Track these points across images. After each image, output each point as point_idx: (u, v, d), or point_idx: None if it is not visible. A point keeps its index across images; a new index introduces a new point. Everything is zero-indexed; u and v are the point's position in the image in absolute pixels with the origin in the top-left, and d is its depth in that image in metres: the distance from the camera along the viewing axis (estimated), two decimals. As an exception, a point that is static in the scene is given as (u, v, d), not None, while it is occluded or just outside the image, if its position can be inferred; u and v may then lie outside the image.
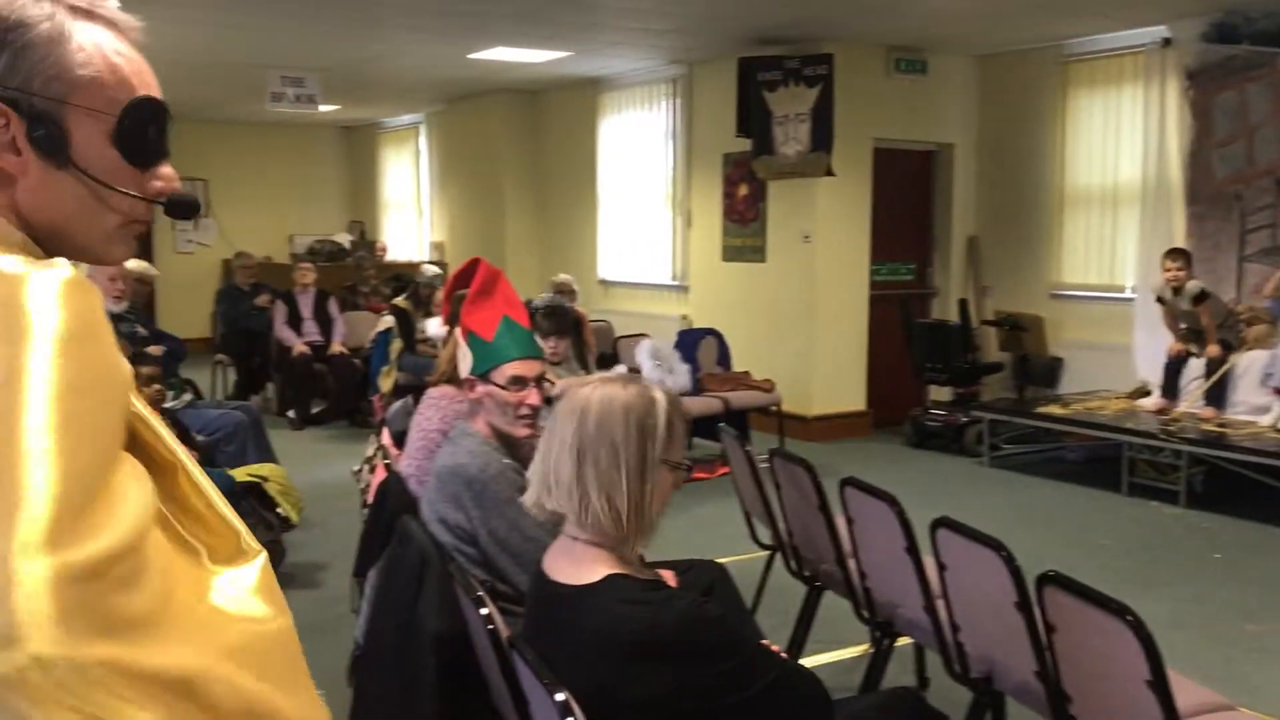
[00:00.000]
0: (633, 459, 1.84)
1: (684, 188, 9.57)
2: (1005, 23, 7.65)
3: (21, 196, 1.05)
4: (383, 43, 8.43)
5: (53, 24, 1.04)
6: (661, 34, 8.15)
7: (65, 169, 1.05)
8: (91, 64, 1.06)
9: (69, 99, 1.05)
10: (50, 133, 1.04)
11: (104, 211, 1.09)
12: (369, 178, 14.79)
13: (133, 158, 1.09)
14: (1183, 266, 6.86)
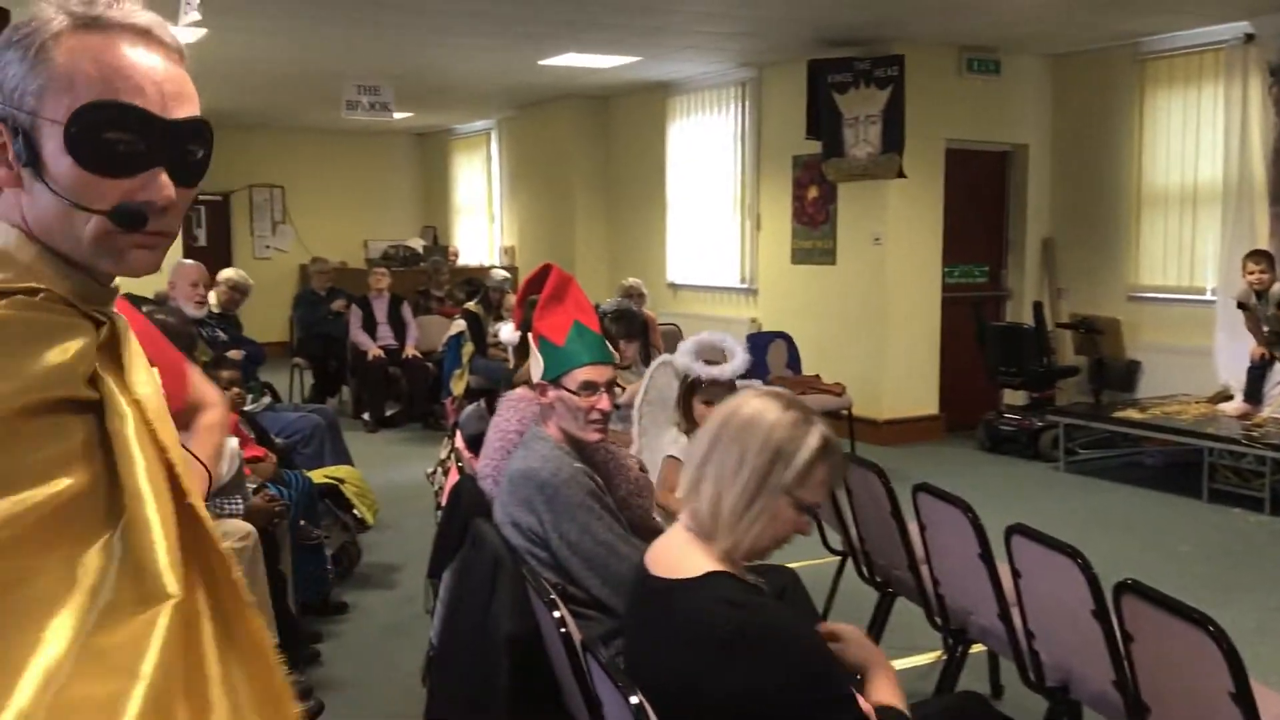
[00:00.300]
0: (754, 474, 1.83)
1: (753, 191, 9.55)
2: (1080, 21, 7.52)
3: (27, 217, 1.09)
4: (455, 51, 8.54)
5: (42, 34, 1.07)
6: (731, 37, 8.15)
7: (40, 181, 1.07)
8: (62, 74, 1.06)
9: (38, 112, 1.06)
10: (27, 145, 1.07)
11: (77, 222, 1.08)
12: (441, 183, 14.99)
13: (91, 166, 1.07)
14: (1266, 269, 6.68)
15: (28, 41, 1.07)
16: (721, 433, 1.88)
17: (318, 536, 4.65)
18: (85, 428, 1.03)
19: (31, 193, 1.08)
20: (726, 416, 1.90)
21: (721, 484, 1.84)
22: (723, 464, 1.85)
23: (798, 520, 1.87)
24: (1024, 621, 2.79)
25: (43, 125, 1.06)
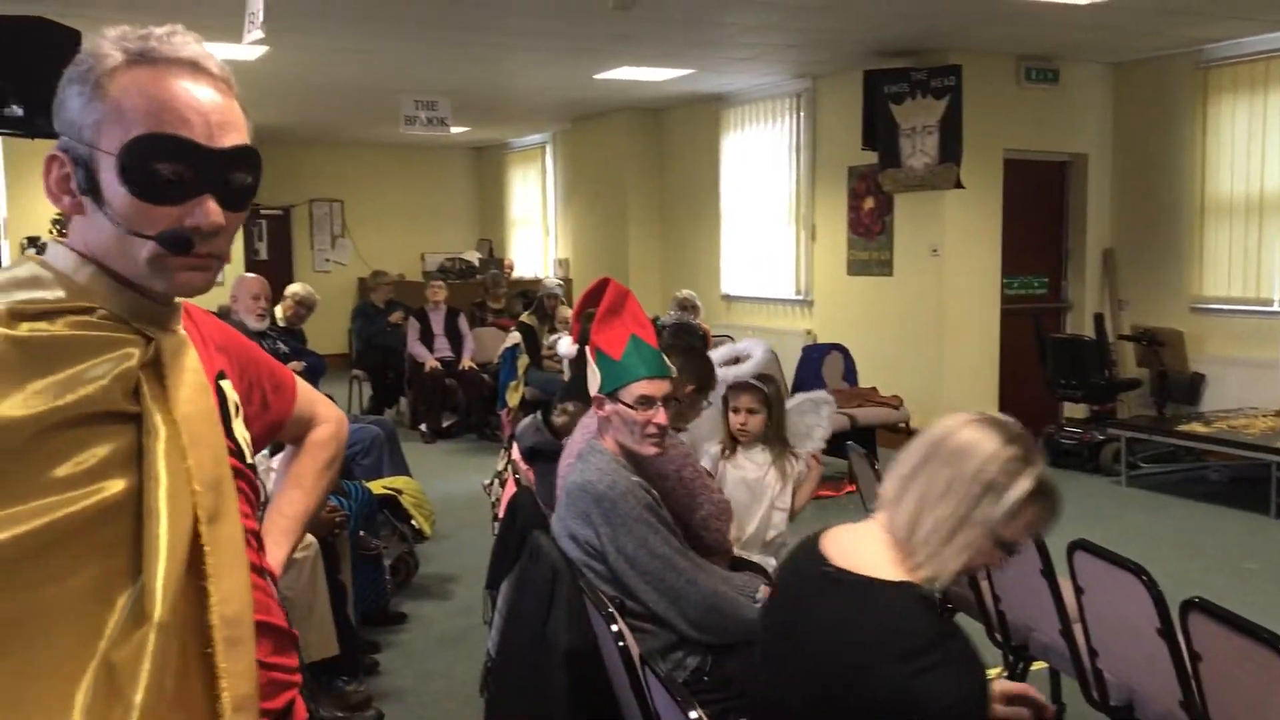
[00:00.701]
0: (960, 504, 1.77)
1: (808, 202, 9.52)
2: (1140, 29, 7.42)
3: (87, 238, 1.17)
4: (511, 65, 8.62)
5: (100, 69, 1.14)
6: (785, 49, 8.14)
7: (100, 209, 1.14)
8: (115, 108, 1.13)
9: (96, 144, 1.13)
10: (87, 175, 1.14)
11: (132, 247, 1.15)
12: (497, 196, 15.11)
13: (142, 194, 1.13)
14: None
15: (86, 77, 1.14)
16: (934, 452, 1.83)
17: (376, 547, 4.69)
18: (126, 439, 1.09)
19: (92, 219, 1.16)
20: (942, 436, 1.84)
21: (924, 503, 1.79)
22: (929, 484, 1.80)
23: (994, 555, 1.82)
24: (1087, 639, 2.75)
25: (100, 157, 1.13)
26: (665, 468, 3.00)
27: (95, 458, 1.06)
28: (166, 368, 1.16)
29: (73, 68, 1.15)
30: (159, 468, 1.09)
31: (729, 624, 2.75)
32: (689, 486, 3.02)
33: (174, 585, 1.08)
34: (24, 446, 1.01)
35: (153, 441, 1.10)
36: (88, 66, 1.14)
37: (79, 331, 1.09)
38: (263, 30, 4.91)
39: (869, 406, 7.41)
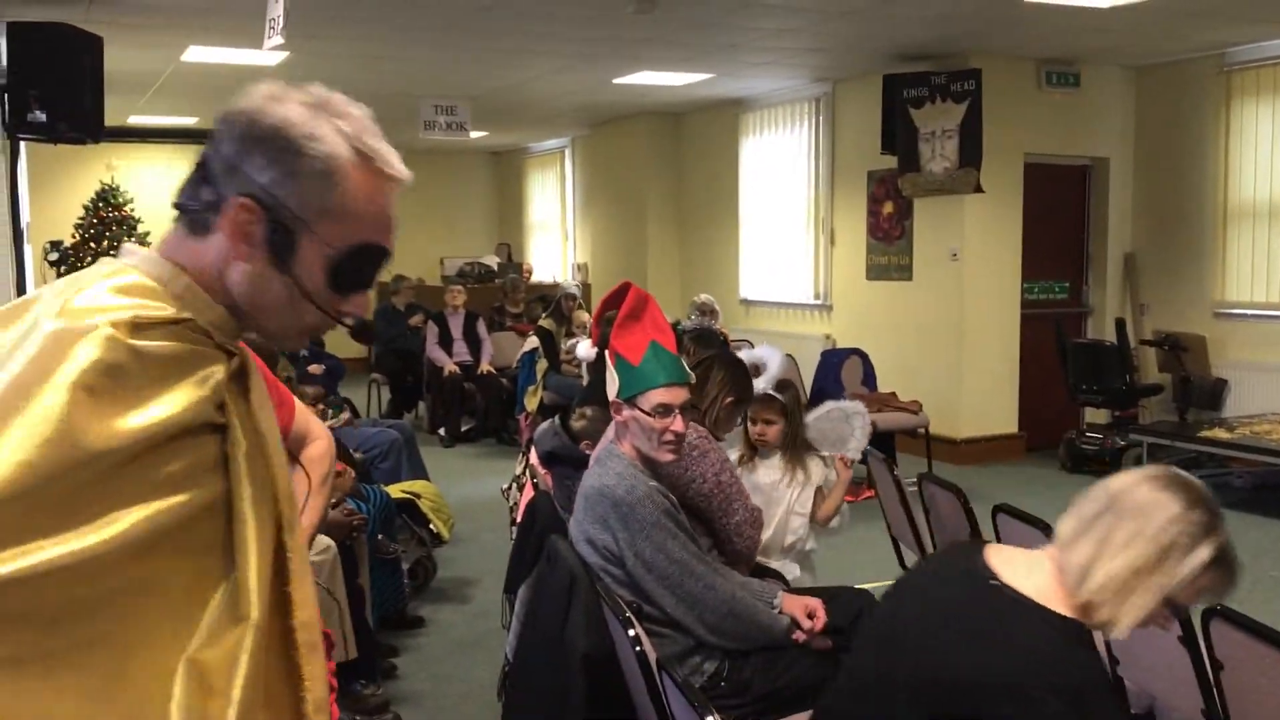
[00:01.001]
0: (1136, 562, 1.75)
1: (827, 206, 9.50)
2: (1162, 32, 7.37)
3: (235, 277, 1.21)
4: (530, 70, 8.64)
5: (333, 162, 1.19)
6: (805, 53, 8.13)
7: (281, 272, 1.21)
8: (349, 207, 1.21)
9: (312, 224, 1.20)
10: (283, 242, 1.20)
11: (298, 314, 1.24)
12: (516, 201, 15.14)
13: (336, 286, 1.23)
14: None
15: (319, 161, 1.19)
16: (1114, 504, 1.80)
17: (395, 551, 4.70)
18: (214, 448, 1.16)
19: (260, 271, 1.21)
20: (1125, 489, 1.82)
21: (1100, 554, 1.77)
22: (1109, 535, 1.78)
23: (1162, 615, 1.80)
24: (1107, 647, 2.73)
25: (310, 237, 1.20)
26: (706, 471, 3.00)
27: (190, 464, 1.12)
28: (249, 382, 1.23)
29: (293, 138, 1.19)
30: (244, 475, 1.16)
31: (747, 629, 2.74)
32: (726, 491, 3.03)
33: (266, 588, 1.16)
34: (136, 455, 1.06)
35: (237, 451, 1.17)
36: (321, 151, 1.19)
37: (183, 344, 1.14)
38: (283, 36, 4.94)
39: (888, 411, 7.38)
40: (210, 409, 1.14)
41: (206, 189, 1.20)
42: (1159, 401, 8.34)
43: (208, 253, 1.21)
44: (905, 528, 3.85)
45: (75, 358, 1.05)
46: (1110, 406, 8.03)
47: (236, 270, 1.21)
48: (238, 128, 1.19)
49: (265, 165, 1.18)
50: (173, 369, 1.12)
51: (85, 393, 1.04)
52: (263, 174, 1.18)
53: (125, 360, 1.07)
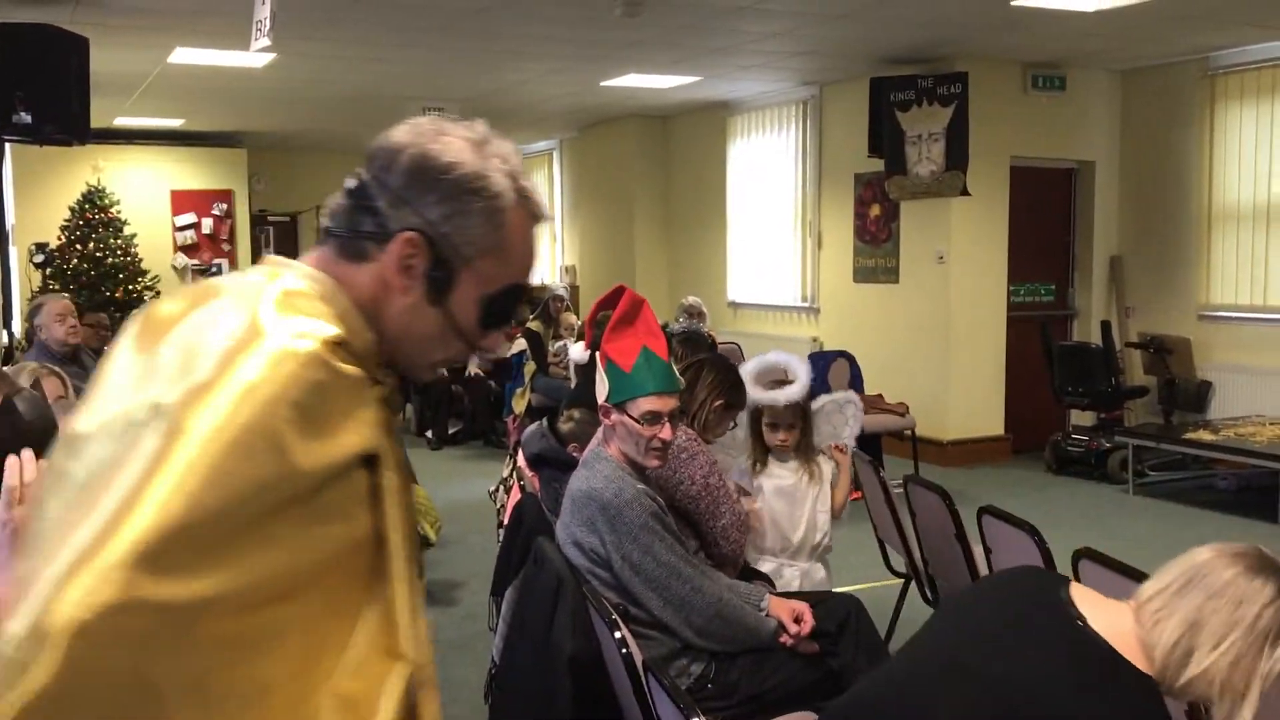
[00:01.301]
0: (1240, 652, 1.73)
1: (814, 209, 9.52)
2: (1147, 36, 7.42)
3: (394, 308, 1.21)
4: (519, 73, 8.64)
5: (499, 203, 1.21)
6: (793, 56, 8.15)
7: (435, 306, 1.22)
8: (508, 246, 1.23)
9: (472, 261, 1.21)
10: (443, 277, 1.21)
11: (445, 347, 1.26)
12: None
13: (486, 322, 1.25)
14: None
15: (489, 202, 1.21)
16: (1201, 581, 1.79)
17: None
18: (366, 480, 1.13)
19: (414, 305, 1.22)
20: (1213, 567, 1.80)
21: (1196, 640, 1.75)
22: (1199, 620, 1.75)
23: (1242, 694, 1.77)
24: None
25: (470, 274, 1.22)
26: (695, 474, 3.01)
27: (348, 494, 1.10)
28: (392, 415, 1.22)
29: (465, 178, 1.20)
30: (394, 508, 1.15)
31: (734, 631, 2.75)
32: (714, 494, 3.03)
33: (411, 624, 1.15)
34: (322, 485, 1.06)
35: (389, 485, 1.15)
36: (493, 191, 1.21)
37: (353, 368, 1.12)
38: (270, 38, 4.93)
39: (875, 413, 7.40)
40: (375, 440, 1.13)
41: (367, 218, 1.20)
42: (1144, 404, 8.38)
43: (361, 278, 1.20)
44: (891, 530, 3.86)
45: (289, 375, 1.05)
46: (1096, 409, 8.07)
47: (396, 302, 1.21)
48: (405, 162, 1.19)
49: (435, 202, 1.19)
50: (356, 394, 1.11)
51: (297, 411, 1.04)
52: (432, 210, 1.19)
53: (330, 381, 1.08)
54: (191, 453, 0.99)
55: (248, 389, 1.02)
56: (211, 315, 1.12)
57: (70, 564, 0.95)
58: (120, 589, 0.94)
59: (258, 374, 1.03)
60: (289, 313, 1.11)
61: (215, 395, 1.02)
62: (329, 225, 1.24)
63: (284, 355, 1.05)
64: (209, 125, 11.60)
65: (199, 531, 0.98)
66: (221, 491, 0.98)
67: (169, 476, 0.98)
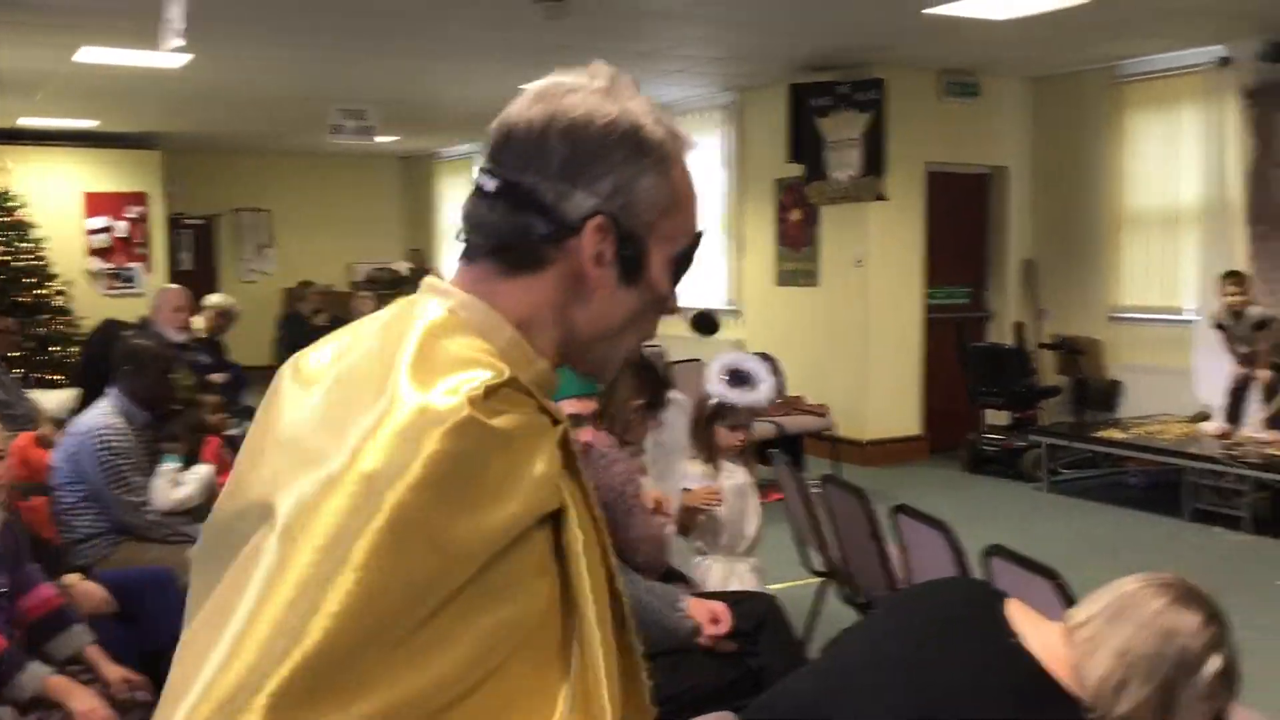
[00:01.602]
0: (1169, 676, 1.75)
1: (737, 213, 9.60)
2: (1058, 45, 7.60)
3: (583, 311, 1.06)
4: (440, 75, 8.58)
5: (663, 150, 1.06)
6: (713, 61, 8.21)
7: (631, 288, 1.07)
8: (679, 194, 1.08)
9: (655, 225, 1.06)
10: (635, 253, 1.05)
11: (639, 329, 1.11)
12: (427, 206, 15.02)
13: (676, 281, 1.11)
14: (1242, 290, 6.75)
15: (656, 154, 1.06)
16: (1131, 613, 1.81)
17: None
18: (545, 540, 0.98)
19: (609, 294, 1.06)
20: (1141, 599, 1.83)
21: (1128, 675, 1.77)
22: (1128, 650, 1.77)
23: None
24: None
25: (656, 239, 1.07)
26: (613, 481, 3.00)
27: (527, 560, 0.95)
28: (574, 451, 1.04)
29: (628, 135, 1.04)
30: (584, 570, 0.99)
31: (652, 633, 2.75)
32: (627, 504, 3.03)
33: (617, 698, 1.00)
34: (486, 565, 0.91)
35: (576, 544, 0.99)
36: (655, 142, 1.06)
37: (525, 415, 0.96)
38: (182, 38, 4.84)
39: (795, 415, 7.49)
40: (554, 494, 0.97)
41: (537, 219, 1.02)
42: (1057, 403, 8.58)
43: (536, 291, 1.04)
44: (809, 530, 3.91)
45: (432, 449, 0.89)
46: (1010, 408, 8.25)
47: (593, 300, 1.06)
48: (556, 139, 1.02)
49: (605, 173, 1.03)
50: (521, 449, 0.94)
51: (441, 492, 0.88)
52: (603, 184, 1.03)
53: (485, 443, 0.91)
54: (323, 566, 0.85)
55: (367, 479, 0.87)
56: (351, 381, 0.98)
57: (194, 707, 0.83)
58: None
59: (382, 460, 0.88)
60: (429, 368, 0.94)
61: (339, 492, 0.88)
62: (477, 241, 1.06)
63: (417, 430, 0.89)
64: (123, 126, 11.34)
65: (347, 655, 0.84)
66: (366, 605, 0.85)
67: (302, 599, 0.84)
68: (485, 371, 0.95)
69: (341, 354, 1.03)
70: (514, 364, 0.98)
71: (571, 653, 0.98)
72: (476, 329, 1.01)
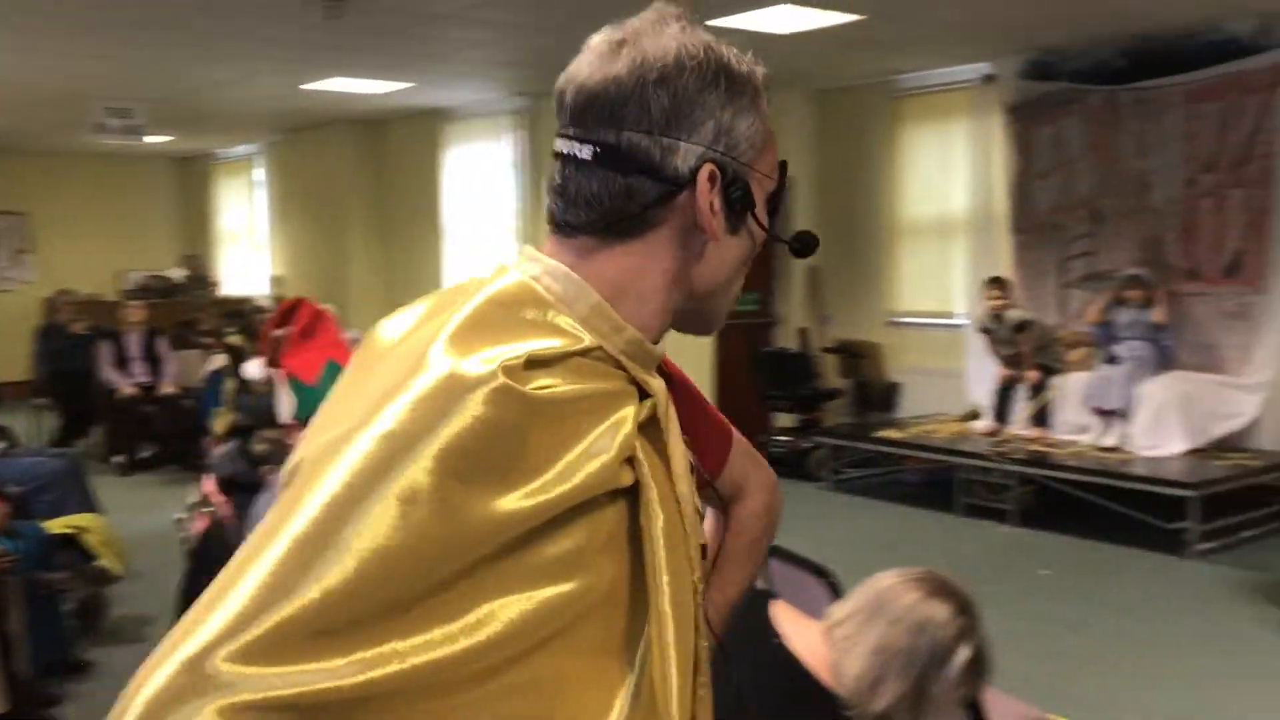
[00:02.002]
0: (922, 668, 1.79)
1: (532, 220, 9.54)
2: (837, 59, 7.87)
3: (701, 265, 1.01)
4: (215, 72, 8.18)
5: (754, 87, 1.01)
6: (504, 66, 8.13)
7: (736, 234, 1.01)
8: (764, 129, 1.02)
9: (754, 164, 1.01)
10: (743, 198, 0.99)
11: (741, 275, 1.06)
12: (204, 210, 14.32)
13: (773, 216, 1.05)
14: (1003, 295, 7.14)
15: (749, 90, 1.01)
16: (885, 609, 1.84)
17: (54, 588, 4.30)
18: (614, 519, 0.91)
19: (719, 244, 1.00)
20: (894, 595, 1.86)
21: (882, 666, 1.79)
22: (885, 646, 1.80)
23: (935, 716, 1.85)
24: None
25: (754, 180, 1.01)
26: None
27: (582, 542, 0.88)
28: (665, 429, 0.98)
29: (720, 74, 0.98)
30: (660, 557, 0.93)
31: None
32: None
33: (687, 701, 0.94)
34: (520, 539, 0.85)
35: (653, 525, 0.92)
36: (745, 80, 1.00)
37: (587, 386, 0.90)
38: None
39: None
40: (616, 472, 0.90)
41: (647, 181, 0.96)
42: (840, 405, 8.88)
43: (638, 256, 0.99)
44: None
45: (458, 417, 0.83)
46: (796, 411, 8.49)
47: (711, 252, 1.01)
48: (653, 91, 0.95)
49: (704, 118, 0.97)
50: (573, 422, 0.89)
51: (468, 463, 0.83)
52: (704, 130, 0.97)
53: (518, 418, 0.85)
54: (341, 520, 0.81)
55: (408, 434, 0.83)
56: (401, 346, 0.94)
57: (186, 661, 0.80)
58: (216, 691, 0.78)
59: (404, 422, 0.84)
60: (478, 333, 0.90)
61: (350, 448, 0.83)
62: (578, 216, 1.00)
63: (445, 395, 0.85)
64: None
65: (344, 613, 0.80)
66: (377, 557, 0.80)
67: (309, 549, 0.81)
68: (549, 341, 0.91)
69: (406, 320, 0.99)
70: (598, 333, 0.95)
71: (638, 647, 0.93)
72: (557, 298, 0.96)
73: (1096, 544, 6.16)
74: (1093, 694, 4.13)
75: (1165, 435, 6.57)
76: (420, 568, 0.82)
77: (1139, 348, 6.72)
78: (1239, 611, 5.04)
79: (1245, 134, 6.65)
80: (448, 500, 0.82)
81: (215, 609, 0.81)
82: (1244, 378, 6.69)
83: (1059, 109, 7.50)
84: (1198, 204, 6.92)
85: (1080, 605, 5.20)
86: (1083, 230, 7.50)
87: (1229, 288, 6.81)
